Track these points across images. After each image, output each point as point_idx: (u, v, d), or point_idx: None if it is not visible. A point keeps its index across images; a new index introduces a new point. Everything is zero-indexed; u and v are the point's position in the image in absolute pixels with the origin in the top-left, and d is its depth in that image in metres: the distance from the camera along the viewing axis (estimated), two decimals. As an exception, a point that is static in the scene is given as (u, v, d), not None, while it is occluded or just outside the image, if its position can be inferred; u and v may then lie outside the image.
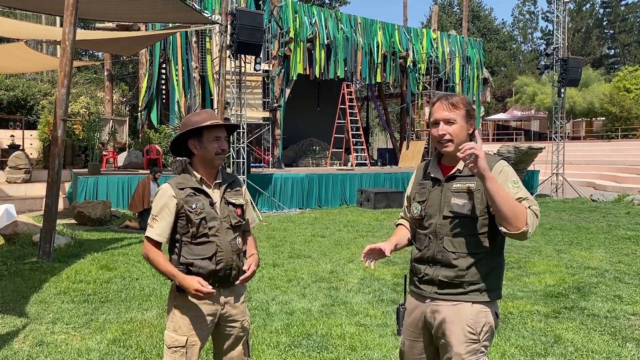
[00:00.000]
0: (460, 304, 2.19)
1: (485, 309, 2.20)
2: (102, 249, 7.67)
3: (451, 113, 2.20)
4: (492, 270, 2.21)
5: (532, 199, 2.12)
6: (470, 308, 2.18)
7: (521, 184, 2.17)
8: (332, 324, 4.59)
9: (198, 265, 2.41)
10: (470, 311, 2.18)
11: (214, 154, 2.49)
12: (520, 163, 16.86)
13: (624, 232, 9.81)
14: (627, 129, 31.09)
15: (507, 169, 2.19)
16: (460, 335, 2.16)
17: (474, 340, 2.17)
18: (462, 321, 2.17)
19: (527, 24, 57.70)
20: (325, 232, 9.72)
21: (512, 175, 2.17)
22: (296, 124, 20.15)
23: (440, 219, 2.22)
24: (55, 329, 4.43)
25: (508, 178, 2.15)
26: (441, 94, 2.37)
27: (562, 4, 17.46)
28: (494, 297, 2.23)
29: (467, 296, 2.19)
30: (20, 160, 12.82)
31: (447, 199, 2.21)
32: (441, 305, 2.23)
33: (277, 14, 16.91)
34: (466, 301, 2.19)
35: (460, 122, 2.20)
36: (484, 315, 2.19)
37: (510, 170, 2.19)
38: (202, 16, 11.10)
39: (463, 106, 2.21)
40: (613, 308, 5.12)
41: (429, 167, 2.36)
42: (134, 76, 23.85)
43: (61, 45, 7.18)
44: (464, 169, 2.20)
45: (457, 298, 2.20)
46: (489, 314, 2.21)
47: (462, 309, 2.19)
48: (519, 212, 2.03)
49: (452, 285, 2.20)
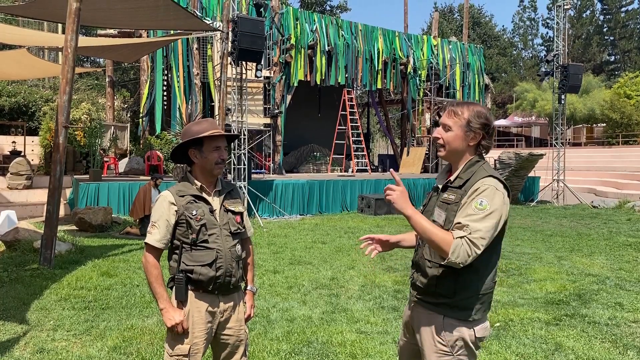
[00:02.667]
0: (433, 315, 2.18)
1: (457, 325, 2.13)
2: (103, 256, 7.67)
3: (449, 119, 2.20)
4: (464, 287, 2.11)
5: (483, 229, 1.98)
6: (442, 320, 2.15)
7: (488, 209, 2.00)
8: (332, 331, 4.58)
9: (198, 272, 2.43)
10: (441, 323, 2.15)
11: (214, 163, 2.52)
12: (521, 169, 16.87)
13: (625, 239, 9.80)
14: (627, 135, 31.09)
15: (483, 187, 2.05)
16: (431, 345, 2.16)
17: (446, 352, 2.13)
18: (433, 331, 2.16)
19: (528, 31, 57.82)
20: (326, 238, 9.72)
21: (485, 197, 2.03)
22: (297, 130, 20.18)
23: None
24: (56, 336, 4.43)
25: (477, 198, 2.03)
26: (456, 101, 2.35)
27: (562, 10, 17.52)
28: (467, 317, 2.12)
29: (439, 308, 2.16)
30: (21, 167, 12.85)
31: (435, 208, 2.22)
32: (418, 312, 2.26)
33: (278, 21, 16.98)
34: (438, 313, 2.16)
35: (457, 130, 2.17)
36: (457, 330, 2.12)
37: (488, 192, 2.04)
38: (204, 23, 11.16)
39: (465, 116, 2.16)
40: (614, 315, 5.11)
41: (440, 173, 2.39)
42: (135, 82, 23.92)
43: (63, 52, 7.21)
44: (455, 179, 2.18)
45: (430, 308, 2.19)
46: (462, 330, 2.12)
47: (433, 320, 2.18)
48: (439, 242, 1.98)
49: (427, 294, 2.20)
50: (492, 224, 2.00)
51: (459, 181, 2.16)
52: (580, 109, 31.70)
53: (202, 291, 2.47)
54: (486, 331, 2.20)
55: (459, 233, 1.99)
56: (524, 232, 10.68)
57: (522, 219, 13.16)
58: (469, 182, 2.12)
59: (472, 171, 2.15)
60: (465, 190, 2.11)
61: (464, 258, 1.96)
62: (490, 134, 2.21)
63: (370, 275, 6.71)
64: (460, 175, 2.17)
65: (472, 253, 1.97)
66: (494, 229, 2.02)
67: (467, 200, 2.06)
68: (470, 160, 2.19)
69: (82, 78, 24.26)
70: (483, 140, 2.19)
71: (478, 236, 1.97)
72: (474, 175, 2.13)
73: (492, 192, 2.04)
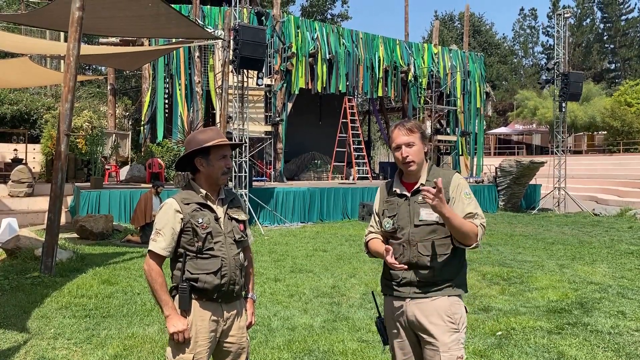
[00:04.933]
0: (438, 298, 2.46)
1: (458, 302, 2.49)
2: (104, 264, 7.66)
3: (409, 137, 2.51)
4: (461, 267, 2.54)
5: (481, 212, 2.49)
6: (447, 300, 2.46)
7: (472, 196, 2.52)
8: (334, 340, 4.57)
9: (203, 280, 2.43)
10: (446, 303, 2.45)
11: (220, 172, 2.52)
12: (522, 177, 16.87)
13: (627, 247, 9.78)
14: (628, 143, 31.10)
15: (462, 181, 2.54)
16: (442, 325, 2.42)
17: (455, 329, 2.43)
18: (442, 313, 2.44)
19: (528, 39, 58.04)
20: (327, 246, 9.70)
21: (465, 187, 2.52)
22: (298, 138, 20.20)
23: (412, 228, 2.50)
24: (57, 344, 4.41)
25: (462, 190, 2.50)
26: (398, 121, 2.66)
27: (562, 19, 17.59)
28: (463, 290, 2.53)
29: (443, 291, 2.46)
30: (23, 174, 12.85)
31: (416, 210, 2.50)
32: (420, 302, 2.47)
33: (280, 29, 17.05)
34: (442, 295, 2.46)
35: (418, 143, 2.52)
36: (458, 307, 2.48)
37: (464, 182, 2.54)
38: (205, 31, 11.20)
39: (417, 130, 2.53)
40: (616, 324, 5.08)
41: (392, 185, 2.63)
42: (137, 90, 24.01)
43: (65, 60, 7.24)
44: (426, 183, 2.50)
45: (435, 294, 2.46)
46: (461, 306, 2.50)
47: (439, 302, 2.45)
48: (470, 232, 2.39)
49: (429, 284, 2.47)
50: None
51: (429, 183, 2.46)
52: (581, 117, 31.72)
53: (205, 300, 2.46)
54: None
55: (478, 221, 2.44)
56: (525, 240, 10.66)
57: (523, 226, 13.14)
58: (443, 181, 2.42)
59: (437, 172, 2.54)
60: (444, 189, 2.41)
61: (481, 239, 2.47)
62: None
63: (371, 283, 6.69)
64: (428, 178, 2.52)
65: (484, 233, 2.49)
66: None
67: (457, 194, 2.49)
68: (428, 164, 2.59)
69: (84, 86, 24.33)
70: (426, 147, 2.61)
71: (484, 221, 2.49)
72: (443, 175, 2.50)
73: (466, 184, 2.55)
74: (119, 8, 8.44)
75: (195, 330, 2.44)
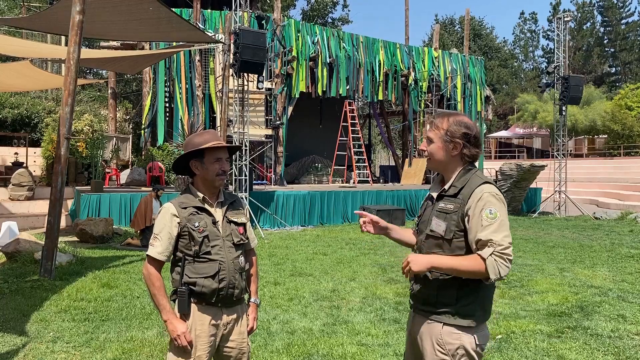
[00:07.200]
0: (433, 323, 2.19)
1: (457, 332, 2.13)
2: (104, 267, 7.66)
3: (430, 132, 2.27)
4: (466, 294, 2.13)
5: (500, 237, 2.02)
6: (441, 329, 2.16)
7: (499, 216, 2.05)
8: (333, 344, 4.56)
9: (201, 284, 2.42)
10: (440, 332, 2.16)
11: (215, 175, 2.51)
12: (523, 181, 16.85)
13: (628, 250, 9.76)
14: (629, 147, 31.11)
15: (486, 196, 2.08)
16: (432, 355, 2.17)
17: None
18: (433, 340, 2.17)
19: (528, 42, 58.15)
20: (327, 250, 9.69)
21: (490, 204, 2.06)
22: (298, 141, 20.21)
23: (424, 237, 2.26)
24: (56, 347, 4.41)
25: (485, 207, 2.06)
26: (440, 112, 2.40)
27: (562, 22, 17.60)
28: (469, 322, 2.13)
29: (439, 317, 2.17)
30: (23, 178, 12.86)
31: (431, 217, 2.24)
32: (419, 321, 2.27)
33: (280, 33, 17.09)
34: (437, 321, 2.17)
35: (438, 142, 2.24)
36: (457, 338, 2.13)
37: (490, 198, 2.08)
38: (206, 35, 11.21)
39: (444, 127, 2.22)
40: (617, 328, 5.07)
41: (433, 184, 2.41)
42: (137, 94, 24.02)
43: (66, 64, 7.25)
44: (449, 188, 2.21)
45: (431, 317, 2.20)
46: (463, 337, 2.13)
47: (433, 328, 2.19)
48: (473, 269, 2.03)
49: (427, 303, 2.22)
50: (507, 229, 2.07)
51: (453, 190, 2.19)
52: (582, 121, 31.74)
53: (205, 304, 2.46)
54: (486, 338, 2.21)
55: (487, 251, 2.01)
56: (525, 244, 10.64)
57: (524, 230, 13.12)
58: (465, 190, 2.14)
59: (465, 179, 2.18)
60: (463, 199, 2.13)
61: (505, 271, 2.01)
62: (473, 142, 2.22)
63: (371, 287, 6.68)
64: (454, 184, 2.20)
65: (508, 263, 2.02)
66: (509, 231, 2.07)
67: (475, 211, 2.07)
68: (462, 169, 2.23)
69: (84, 90, 24.34)
70: (464, 149, 2.21)
71: (504, 247, 2.02)
72: (468, 183, 2.16)
73: (494, 199, 2.09)
74: (120, 12, 8.46)
75: (195, 335, 2.43)
